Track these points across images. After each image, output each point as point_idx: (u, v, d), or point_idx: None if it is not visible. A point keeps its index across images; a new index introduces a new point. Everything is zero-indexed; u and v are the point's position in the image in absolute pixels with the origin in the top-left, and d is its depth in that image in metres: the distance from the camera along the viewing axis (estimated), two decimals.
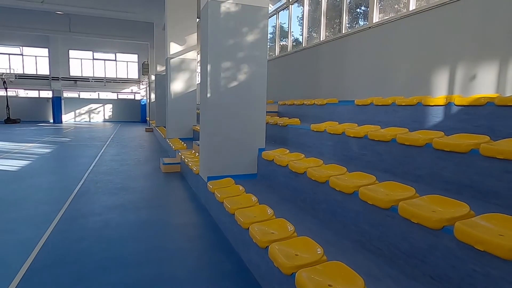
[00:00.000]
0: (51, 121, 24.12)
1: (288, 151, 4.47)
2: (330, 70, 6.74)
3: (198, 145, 7.16)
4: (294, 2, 8.74)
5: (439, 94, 4.33)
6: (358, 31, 5.87)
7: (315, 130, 4.64)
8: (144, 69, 22.65)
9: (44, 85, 23.79)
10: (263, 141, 4.85)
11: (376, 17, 5.48)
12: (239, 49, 4.52)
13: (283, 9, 9.51)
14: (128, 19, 15.60)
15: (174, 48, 9.57)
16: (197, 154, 6.63)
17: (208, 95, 4.44)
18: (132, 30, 18.37)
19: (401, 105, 4.16)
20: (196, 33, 9.82)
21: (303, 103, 6.56)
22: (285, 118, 6.24)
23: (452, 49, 4.21)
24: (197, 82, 17.00)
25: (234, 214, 3.17)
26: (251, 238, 2.68)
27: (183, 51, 9.67)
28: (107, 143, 11.89)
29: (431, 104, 3.74)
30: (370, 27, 5.57)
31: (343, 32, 6.34)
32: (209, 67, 4.40)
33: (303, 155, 4.07)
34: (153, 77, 19.86)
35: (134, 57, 25.79)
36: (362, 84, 5.80)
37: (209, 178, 4.55)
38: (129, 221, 4.03)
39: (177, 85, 9.68)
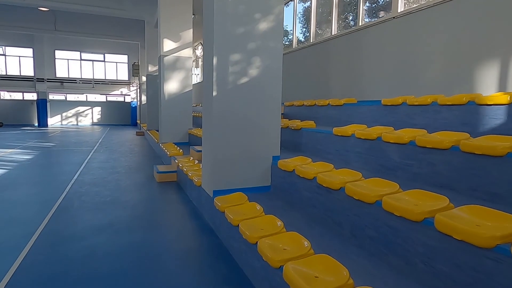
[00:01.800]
0: (36, 124, 23.01)
1: (310, 160, 3.77)
2: (344, 67, 6.09)
3: (196, 151, 6.42)
4: None
5: (488, 91, 3.70)
6: (378, 23, 5.23)
7: (339, 134, 3.96)
8: (134, 70, 21.79)
9: (28, 87, 22.68)
10: (278, 148, 4.15)
11: (401, 6, 4.85)
12: (250, 39, 3.82)
13: (285, 5, 8.85)
14: (118, 17, 14.76)
15: (168, 45, 8.82)
16: (196, 161, 5.89)
17: (214, 93, 3.72)
18: (121, 28, 17.51)
19: (445, 105, 3.50)
20: (191, 30, 9.09)
21: (315, 103, 5.89)
22: (296, 120, 5.55)
23: (504, 39, 3.58)
24: (194, 82, 16.15)
25: (256, 244, 2.46)
26: (288, 284, 1.97)
27: (178, 48, 8.92)
28: (95, 148, 11.04)
29: (488, 103, 3.09)
30: (394, 17, 4.93)
31: (360, 24, 5.69)
32: (215, 60, 3.69)
33: (331, 166, 3.37)
34: (144, 78, 19.01)
35: (124, 58, 24.86)
36: (384, 82, 5.16)
37: (216, 193, 3.83)
38: (121, 248, 3.27)
39: (172, 86, 8.92)
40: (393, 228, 2.24)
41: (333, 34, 6.41)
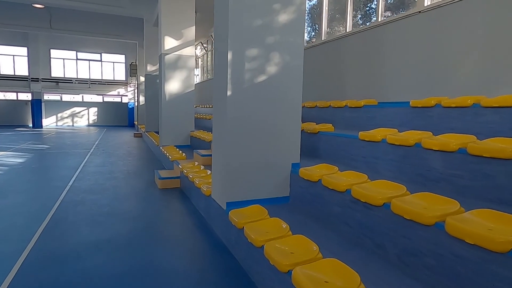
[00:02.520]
0: (30, 125, 22.42)
1: (336, 168, 3.35)
2: (360, 66, 5.69)
3: (201, 155, 5.99)
4: None
5: None
6: (401, 18, 4.83)
7: (366, 139, 3.55)
8: (132, 70, 21.30)
9: (22, 87, 22.09)
10: (298, 154, 3.73)
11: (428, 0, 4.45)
12: (269, 32, 3.40)
13: None
14: (115, 14, 14.30)
15: (169, 43, 8.38)
16: (202, 167, 5.45)
17: (228, 92, 3.29)
18: (119, 27, 17.02)
19: (490, 107, 3.10)
20: (194, 27, 8.66)
21: (329, 105, 5.48)
22: (311, 123, 5.13)
23: None
24: (196, 82, 15.65)
25: (289, 273, 2.04)
26: None
27: (180, 46, 8.49)
28: (91, 151, 10.55)
29: None
30: (419, 12, 4.53)
31: (379, 20, 5.29)
32: (230, 56, 3.26)
33: (365, 176, 2.96)
34: (142, 79, 18.53)
35: (121, 58, 24.34)
36: (409, 82, 4.76)
37: (230, 205, 3.40)
38: (122, 270, 2.83)
39: (173, 86, 8.48)
40: (462, 258, 1.82)
41: (347, 31, 6.00)
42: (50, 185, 5.87)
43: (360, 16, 6.28)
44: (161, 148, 8.34)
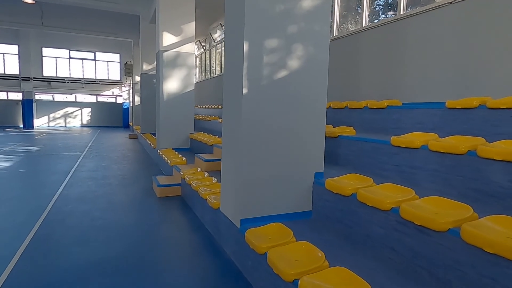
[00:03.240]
0: (21, 126, 21.68)
1: (370, 180, 2.87)
2: (378, 64, 5.22)
3: (204, 160, 5.48)
4: None
5: None
6: (428, 10, 4.37)
7: (400, 145, 3.07)
8: (127, 69, 20.72)
9: (13, 86, 21.35)
10: (321, 163, 3.24)
11: None
12: (291, 20, 2.91)
13: None
14: (110, 11, 13.72)
15: (167, 39, 7.85)
16: (206, 174, 4.93)
17: (244, 90, 2.79)
18: (114, 25, 16.43)
19: None
20: (193, 22, 8.14)
21: (345, 105, 5.00)
22: (327, 125, 4.65)
23: None
24: (196, 81, 15.05)
25: None
26: None
27: (179, 43, 7.96)
28: (84, 153, 9.97)
29: None
30: (451, 2, 4.08)
31: (401, 13, 4.83)
32: (246, 47, 2.76)
33: (411, 191, 2.47)
34: (137, 78, 17.95)
35: (116, 57, 23.71)
36: (436, 81, 4.29)
37: (245, 223, 2.90)
38: None
39: (171, 85, 7.95)
40: None
41: (363, 26, 5.54)
42: (37, 193, 5.32)
43: (378, 8, 5.81)
44: (158, 151, 7.81)
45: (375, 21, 5.52)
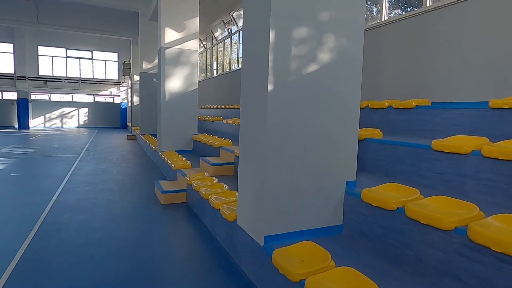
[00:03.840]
0: (16, 126, 21.16)
1: (416, 192, 2.47)
2: (400, 61, 4.85)
3: (211, 164, 5.08)
4: None
5: None
6: (461, 1, 4.00)
7: (445, 150, 2.69)
8: (125, 69, 20.22)
9: (8, 86, 20.82)
10: (354, 170, 2.85)
11: None
12: (322, 6, 2.52)
13: None
14: (108, 8, 13.30)
15: (170, 35, 7.45)
16: (215, 179, 4.52)
17: (269, 87, 2.40)
18: (112, 22, 15.99)
19: None
20: (197, 18, 7.74)
21: (366, 105, 4.62)
22: None
23: None
24: (200, 80, 14.62)
25: None
26: None
27: (182, 39, 7.56)
28: (81, 155, 9.54)
29: None
30: None
31: (428, 5, 4.45)
32: (272, 36, 2.37)
33: (475, 207, 2.08)
34: (136, 78, 17.52)
35: (114, 56, 23.24)
36: (476, 78, 3.92)
37: (270, 241, 2.50)
38: None
39: (174, 83, 7.55)
40: None
41: (383, 20, 5.16)
42: (30, 200, 4.89)
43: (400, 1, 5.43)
44: (160, 153, 7.39)
45: (398, 12, 5.15)
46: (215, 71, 14.86)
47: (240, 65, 11.34)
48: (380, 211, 2.40)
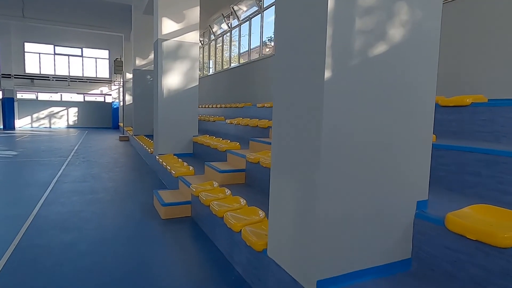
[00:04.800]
0: (1, 127, 20.10)
1: None
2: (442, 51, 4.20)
3: (219, 171, 4.38)
4: None
5: None
6: None
7: None
8: (116, 66, 19.37)
9: None
10: (426, 187, 2.17)
11: None
12: None
13: None
14: (98, 1, 12.48)
15: (167, 26, 6.72)
16: (228, 191, 3.81)
17: (327, 74, 1.70)
18: (103, 17, 15.14)
19: None
20: (198, 7, 7.03)
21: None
22: None
23: None
24: (201, 76, 13.75)
25: None
26: None
27: (181, 31, 6.84)
28: (69, 159, 8.73)
29: None
30: None
31: None
32: (331, 3, 1.68)
33: None
34: (128, 75, 16.71)
35: (105, 53, 22.30)
36: None
37: (324, 286, 1.81)
38: None
39: (172, 79, 6.82)
40: None
41: None
42: (5, 215, 4.13)
43: None
44: (157, 157, 6.65)
45: None
46: (211, 69, 14.13)
47: (240, 62, 10.65)
48: (481, 247, 1.73)
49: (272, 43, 9.40)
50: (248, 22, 10.02)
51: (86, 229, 3.69)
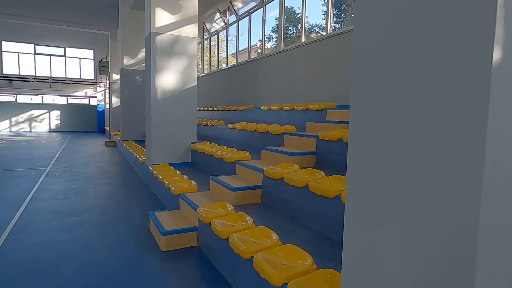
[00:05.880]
0: None
1: None
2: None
3: (231, 188, 3.58)
4: None
5: None
6: None
7: None
8: (102, 67, 18.36)
9: None
10: None
11: None
12: None
13: None
14: None
15: (162, 18, 5.88)
16: (249, 219, 2.99)
17: (496, 55, 0.92)
18: (87, 14, 14.13)
19: None
20: None
21: None
22: None
23: None
24: (201, 75, 12.76)
25: None
26: None
27: (178, 23, 6.01)
28: (48, 169, 7.75)
29: None
30: None
31: None
32: None
33: None
34: (115, 76, 15.70)
35: (89, 53, 21.16)
36: None
37: None
38: None
39: (167, 79, 5.97)
40: None
41: None
42: None
43: None
44: (151, 168, 5.78)
45: None
46: (206, 69, 13.29)
47: (238, 61, 9.85)
48: None
49: (269, 43, 8.65)
50: (247, 17, 9.23)
51: (64, 269, 2.83)
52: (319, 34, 7.05)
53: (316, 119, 5.13)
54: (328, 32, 6.11)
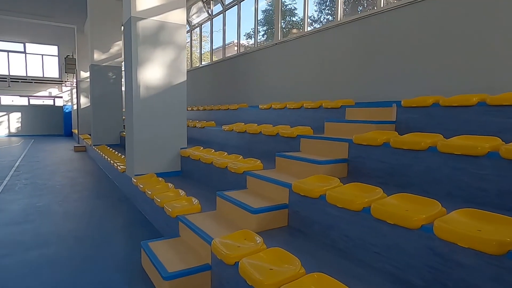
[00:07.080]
0: None
1: None
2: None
3: (252, 211, 2.75)
4: None
5: None
6: None
7: None
8: (68, 64, 16.88)
9: None
10: None
11: None
12: None
13: None
14: None
15: (144, 0, 4.92)
16: (299, 264, 2.18)
17: None
18: (50, 4, 12.64)
19: None
20: None
21: (475, 102, 2.61)
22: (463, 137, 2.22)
23: None
24: (189, 69, 11.50)
25: None
26: None
27: (163, 7, 5.07)
28: (6, 181, 6.53)
29: None
30: None
31: None
32: None
33: None
34: (84, 74, 14.30)
35: (53, 50, 19.38)
36: None
37: None
38: None
39: (152, 73, 5.02)
40: None
41: None
42: None
43: None
44: (134, 180, 4.81)
45: None
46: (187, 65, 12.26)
47: (225, 56, 8.95)
48: None
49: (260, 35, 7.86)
50: (236, 6, 8.36)
51: None
52: (317, 26, 6.33)
53: (334, 118, 4.40)
54: (339, 19, 5.38)
